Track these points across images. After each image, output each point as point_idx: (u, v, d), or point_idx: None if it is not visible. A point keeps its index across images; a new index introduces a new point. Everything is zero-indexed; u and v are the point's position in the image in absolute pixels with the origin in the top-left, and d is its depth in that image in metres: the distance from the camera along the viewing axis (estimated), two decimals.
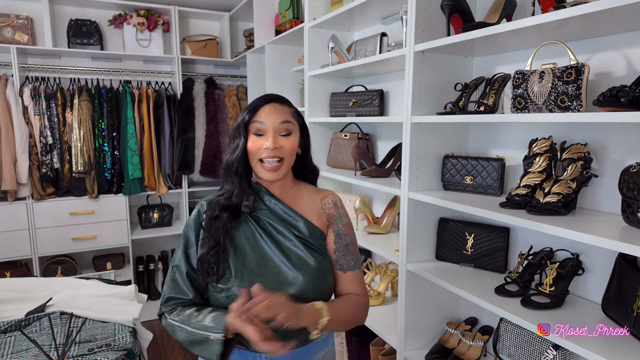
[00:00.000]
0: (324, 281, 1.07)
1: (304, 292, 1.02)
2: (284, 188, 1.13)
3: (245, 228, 1.08)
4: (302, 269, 1.04)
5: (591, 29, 1.16)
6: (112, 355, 1.23)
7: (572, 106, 1.09)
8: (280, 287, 1.01)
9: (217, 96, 3.39)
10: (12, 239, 2.85)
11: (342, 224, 1.14)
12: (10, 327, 1.32)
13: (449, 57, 1.58)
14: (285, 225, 1.09)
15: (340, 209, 1.16)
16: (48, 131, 2.91)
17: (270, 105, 1.06)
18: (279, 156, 1.04)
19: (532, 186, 1.26)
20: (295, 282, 1.03)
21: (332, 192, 1.19)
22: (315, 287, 1.05)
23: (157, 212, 3.41)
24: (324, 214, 1.14)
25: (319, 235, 1.11)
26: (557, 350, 1.19)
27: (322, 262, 1.08)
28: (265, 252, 1.06)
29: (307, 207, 1.13)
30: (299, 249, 1.07)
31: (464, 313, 1.75)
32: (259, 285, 0.90)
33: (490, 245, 1.52)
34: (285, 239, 1.08)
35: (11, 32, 2.84)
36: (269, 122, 1.04)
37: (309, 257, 1.06)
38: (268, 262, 1.05)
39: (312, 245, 1.09)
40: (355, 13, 1.98)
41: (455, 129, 1.64)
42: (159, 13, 3.29)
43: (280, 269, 1.04)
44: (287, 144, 1.05)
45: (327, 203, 1.15)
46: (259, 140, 1.04)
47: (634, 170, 1.00)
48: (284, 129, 1.05)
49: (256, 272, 1.03)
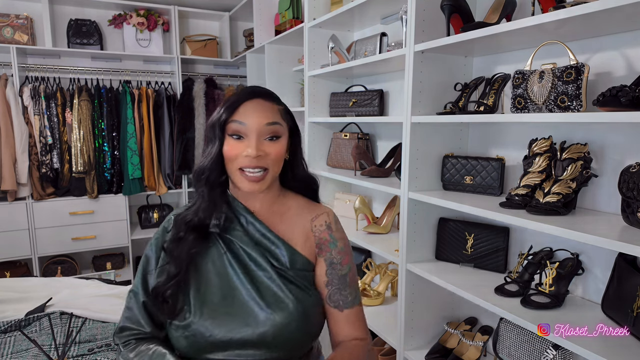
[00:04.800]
0: (307, 323, 0.87)
1: (278, 335, 0.83)
2: (265, 201, 0.92)
3: (214, 252, 0.88)
4: (277, 308, 0.84)
5: (591, 29, 1.16)
6: (112, 355, 1.23)
7: (572, 106, 1.09)
8: (249, 328, 0.83)
9: (217, 96, 3.39)
10: (12, 239, 2.85)
11: (337, 251, 0.92)
12: (10, 327, 1.32)
13: (448, 57, 1.58)
14: (261, 251, 0.88)
15: (335, 232, 0.94)
16: (48, 131, 2.91)
17: (253, 102, 0.86)
18: (263, 166, 0.84)
19: (532, 186, 1.26)
20: (267, 323, 0.83)
21: (327, 210, 0.97)
22: (295, 330, 0.84)
23: (157, 212, 3.41)
24: (313, 238, 0.93)
25: (304, 266, 0.90)
26: (557, 350, 1.19)
27: (304, 301, 0.86)
28: (233, 284, 0.86)
29: (293, 228, 0.92)
30: (275, 283, 0.86)
31: (463, 313, 1.75)
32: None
33: (490, 245, 1.52)
34: (259, 268, 0.87)
35: (11, 32, 2.84)
36: (251, 123, 0.84)
37: (287, 295, 0.85)
38: (235, 297, 0.85)
39: (293, 278, 0.88)
40: (355, 13, 1.98)
41: (455, 129, 1.64)
42: (159, 13, 3.29)
43: (249, 307, 0.84)
44: (273, 151, 0.85)
45: (318, 224, 0.93)
46: (238, 145, 0.84)
47: (634, 170, 1.00)
48: (270, 132, 0.85)
49: (221, 309, 0.84)
